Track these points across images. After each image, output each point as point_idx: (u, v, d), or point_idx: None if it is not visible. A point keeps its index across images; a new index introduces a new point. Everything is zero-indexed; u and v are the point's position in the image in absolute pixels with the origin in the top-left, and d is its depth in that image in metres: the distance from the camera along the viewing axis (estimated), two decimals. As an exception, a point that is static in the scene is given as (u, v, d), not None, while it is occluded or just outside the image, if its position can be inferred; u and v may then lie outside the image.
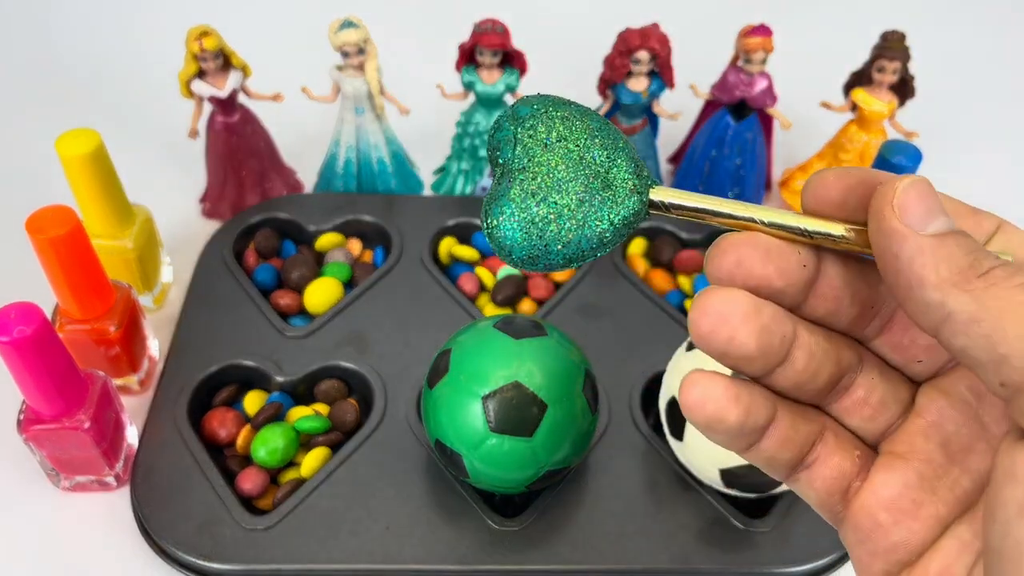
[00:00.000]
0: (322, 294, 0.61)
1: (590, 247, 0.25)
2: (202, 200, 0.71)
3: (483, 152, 0.68)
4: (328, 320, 0.60)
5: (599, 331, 0.60)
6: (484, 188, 0.71)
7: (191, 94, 0.63)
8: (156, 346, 0.60)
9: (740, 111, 0.68)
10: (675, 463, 0.52)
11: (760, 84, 0.66)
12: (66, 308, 0.53)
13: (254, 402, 0.56)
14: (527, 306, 0.62)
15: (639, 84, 0.65)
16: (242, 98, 0.65)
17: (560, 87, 0.73)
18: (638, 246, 0.67)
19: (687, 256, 0.65)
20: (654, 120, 0.69)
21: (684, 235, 0.67)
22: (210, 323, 0.59)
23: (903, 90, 0.65)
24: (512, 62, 0.64)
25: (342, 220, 0.67)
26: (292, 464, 0.53)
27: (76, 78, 0.85)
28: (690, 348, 0.49)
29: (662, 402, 0.50)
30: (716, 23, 0.76)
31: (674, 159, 0.77)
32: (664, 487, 0.51)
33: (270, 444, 0.51)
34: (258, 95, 0.65)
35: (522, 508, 0.50)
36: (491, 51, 0.62)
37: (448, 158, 0.71)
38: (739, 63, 0.66)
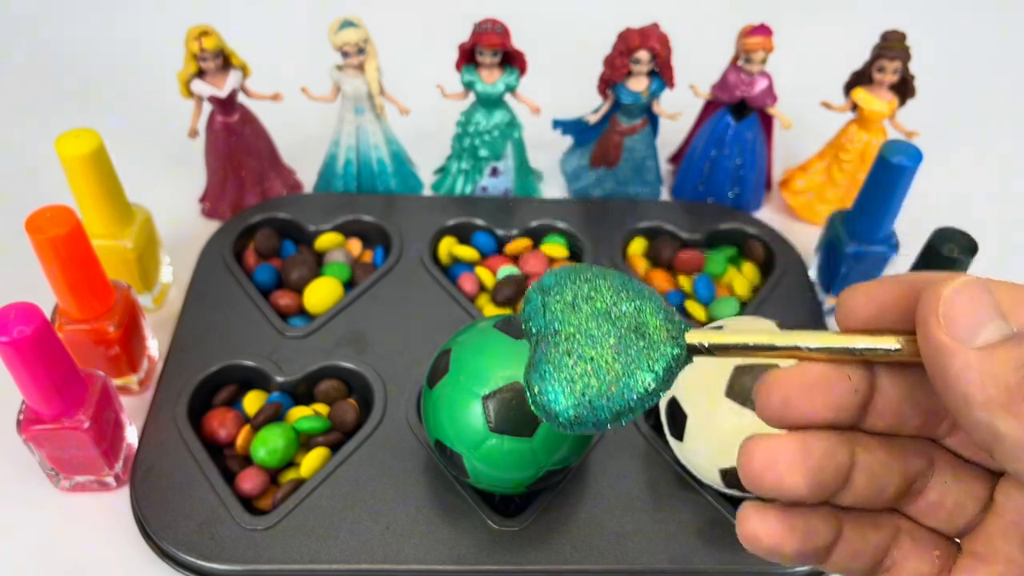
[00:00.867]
0: (322, 294, 0.61)
1: (636, 398, 0.25)
2: (202, 200, 0.71)
3: (483, 152, 0.68)
4: (328, 320, 0.60)
5: (599, 331, 0.60)
6: (484, 188, 0.71)
7: (191, 94, 0.63)
8: (156, 346, 0.60)
9: (740, 111, 0.68)
10: (675, 463, 0.52)
11: (760, 84, 0.66)
12: (66, 308, 0.53)
13: (254, 402, 0.55)
14: (527, 306, 0.62)
15: (639, 84, 0.65)
16: (242, 98, 0.65)
17: (560, 87, 0.74)
18: (638, 246, 0.67)
19: (687, 256, 0.65)
20: (654, 120, 0.69)
21: (684, 235, 0.67)
22: (210, 323, 0.59)
23: (903, 90, 0.65)
24: (512, 62, 0.64)
25: (342, 220, 0.67)
26: (292, 464, 0.53)
27: (76, 78, 0.85)
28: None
29: (662, 402, 0.50)
30: (716, 23, 0.76)
31: (674, 159, 0.77)
32: (664, 487, 0.51)
33: (270, 444, 0.51)
34: (258, 95, 0.65)
35: (522, 508, 0.50)
36: (491, 51, 0.62)
37: (448, 158, 0.71)
38: (739, 63, 0.66)
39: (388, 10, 0.80)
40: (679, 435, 0.49)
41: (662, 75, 0.65)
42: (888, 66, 0.63)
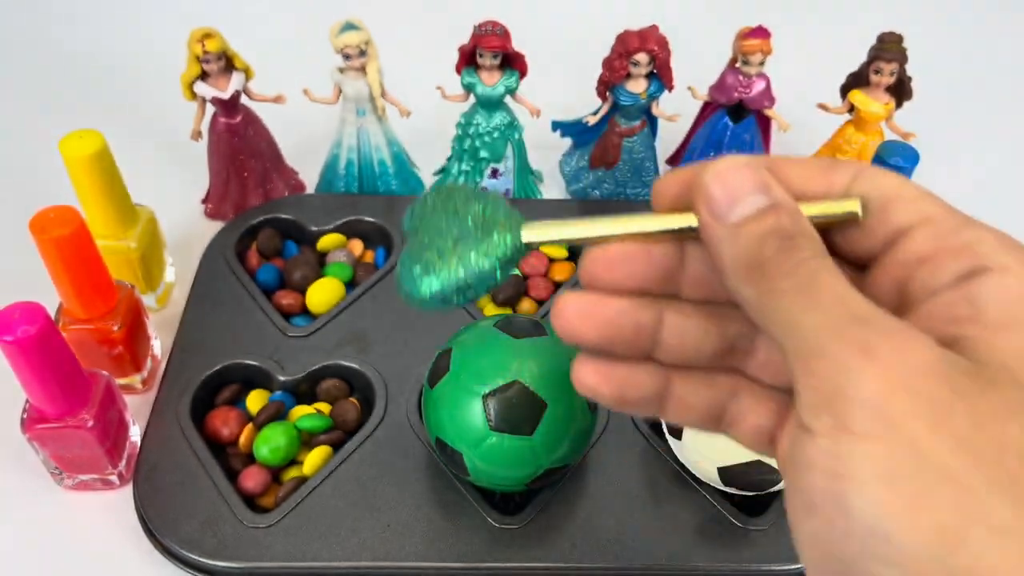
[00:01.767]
0: (324, 294, 0.61)
1: (475, 275, 0.29)
2: (205, 201, 0.71)
3: (484, 153, 0.68)
4: (330, 320, 0.60)
5: (598, 331, 0.60)
6: (484, 189, 0.71)
7: (194, 96, 0.63)
8: (159, 345, 0.60)
9: (738, 113, 0.68)
10: (674, 462, 0.52)
11: (758, 86, 0.66)
12: (69, 308, 0.53)
13: (256, 401, 0.56)
14: (527, 306, 0.62)
15: (638, 86, 0.65)
16: (244, 100, 0.65)
17: (559, 88, 0.74)
18: (637, 247, 0.67)
19: (686, 256, 0.65)
20: (653, 121, 0.70)
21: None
22: (213, 323, 0.59)
23: (900, 91, 0.66)
24: (512, 64, 0.65)
25: (344, 221, 0.67)
26: (294, 463, 0.53)
27: (80, 79, 0.85)
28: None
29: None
30: (714, 25, 0.76)
31: (672, 160, 0.78)
32: (663, 485, 0.52)
33: (272, 443, 0.52)
34: (260, 97, 0.65)
35: (522, 506, 0.51)
36: (491, 53, 0.63)
37: (448, 159, 0.72)
38: (737, 65, 0.66)
39: (389, 12, 0.81)
40: (678, 434, 0.49)
41: (661, 77, 0.65)
42: (885, 68, 0.64)
